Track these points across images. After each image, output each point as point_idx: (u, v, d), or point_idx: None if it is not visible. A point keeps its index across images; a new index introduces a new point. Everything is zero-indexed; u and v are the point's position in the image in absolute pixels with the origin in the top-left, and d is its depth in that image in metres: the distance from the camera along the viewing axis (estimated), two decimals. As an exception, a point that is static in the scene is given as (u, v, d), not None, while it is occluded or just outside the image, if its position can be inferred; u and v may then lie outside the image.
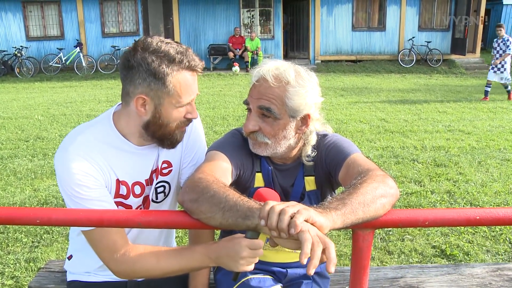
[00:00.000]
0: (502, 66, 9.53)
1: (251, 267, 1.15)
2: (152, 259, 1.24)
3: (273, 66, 1.33)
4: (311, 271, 0.86)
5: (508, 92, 9.84)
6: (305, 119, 1.36)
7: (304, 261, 0.86)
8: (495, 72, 9.63)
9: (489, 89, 9.85)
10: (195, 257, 1.21)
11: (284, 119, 1.32)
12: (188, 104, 1.32)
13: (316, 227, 0.93)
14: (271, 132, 1.33)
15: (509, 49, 9.35)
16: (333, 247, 0.90)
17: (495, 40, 9.90)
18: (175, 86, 1.25)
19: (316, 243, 0.88)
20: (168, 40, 1.28)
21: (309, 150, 1.41)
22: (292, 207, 0.94)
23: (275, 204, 0.95)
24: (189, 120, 1.35)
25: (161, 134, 1.33)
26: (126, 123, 1.35)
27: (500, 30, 9.61)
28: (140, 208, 1.46)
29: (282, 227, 0.91)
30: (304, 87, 1.31)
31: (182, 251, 1.24)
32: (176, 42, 1.29)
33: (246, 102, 1.37)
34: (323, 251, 0.89)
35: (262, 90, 1.31)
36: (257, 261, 1.15)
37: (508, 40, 9.42)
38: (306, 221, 0.92)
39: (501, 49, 9.54)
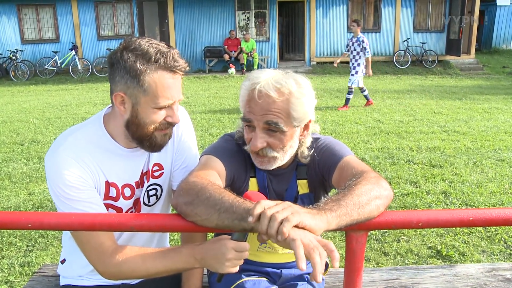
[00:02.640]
0: (354, 68, 8.45)
1: (236, 269, 1.15)
2: (138, 261, 1.24)
3: (271, 79, 1.28)
4: (319, 278, 0.86)
5: (347, 100, 8.73)
6: (306, 125, 1.37)
7: (303, 266, 0.86)
8: (353, 75, 8.53)
9: (366, 93, 8.84)
10: (180, 258, 1.21)
11: (290, 130, 1.31)
12: (167, 107, 1.27)
13: (307, 230, 0.93)
14: (279, 145, 1.31)
15: (367, 52, 8.25)
16: (325, 255, 0.90)
17: (350, 38, 8.72)
18: (151, 86, 1.22)
19: (312, 249, 0.89)
20: (156, 41, 1.25)
21: (305, 151, 1.41)
22: (283, 211, 0.93)
23: (266, 206, 0.95)
24: (169, 124, 1.30)
25: (140, 135, 1.30)
26: (114, 124, 1.34)
27: (354, 26, 8.46)
28: (131, 211, 1.45)
29: (272, 233, 0.91)
30: (305, 95, 1.29)
31: (168, 252, 1.24)
32: (167, 44, 1.26)
33: (246, 119, 1.32)
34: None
35: (266, 105, 1.26)
36: (242, 263, 1.15)
37: (363, 41, 8.26)
38: (296, 226, 0.92)
39: (355, 49, 8.38)
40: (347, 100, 8.75)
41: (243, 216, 0.99)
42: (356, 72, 8.46)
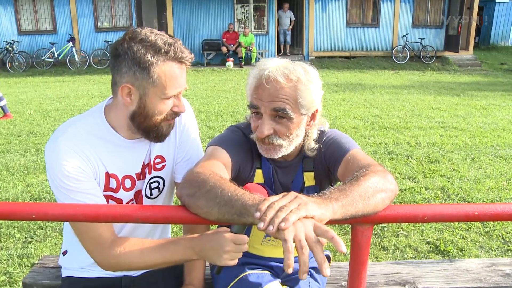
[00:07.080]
0: None
1: (234, 262, 1.14)
2: (136, 253, 1.24)
3: (280, 65, 1.28)
4: (303, 276, 0.86)
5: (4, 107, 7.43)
6: (313, 114, 1.36)
7: (289, 271, 0.85)
8: None
9: (3, 103, 7.42)
10: (178, 250, 1.21)
11: (297, 118, 1.30)
12: (174, 97, 1.29)
13: (315, 220, 0.92)
14: (286, 132, 1.30)
15: None
16: (319, 252, 0.88)
17: None
18: (160, 77, 1.23)
19: (301, 248, 0.87)
20: (158, 32, 1.26)
21: (311, 143, 1.40)
22: (290, 203, 0.92)
23: (274, 200, 0.94)
24: (176, 114, 1.32)
25: (147, 126, 1.30)
26: (115, 115, 1.34)
27: None
28: (132, 203, 1.44)
29: (275, 222, 0.89)
30: (313, 83, 1.29)
31: (166, 244, 1.24)
32: (168, 35, 1.27)
33: (254, 106, 1.30)
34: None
35: (274, 91, 1.26)
36: (241, 256, 1.15)
37: None
38: (305, 217, 0.91)
39: None
40: (4, 107, 7.49)
41: (241, 211, 0.98)
42: None
